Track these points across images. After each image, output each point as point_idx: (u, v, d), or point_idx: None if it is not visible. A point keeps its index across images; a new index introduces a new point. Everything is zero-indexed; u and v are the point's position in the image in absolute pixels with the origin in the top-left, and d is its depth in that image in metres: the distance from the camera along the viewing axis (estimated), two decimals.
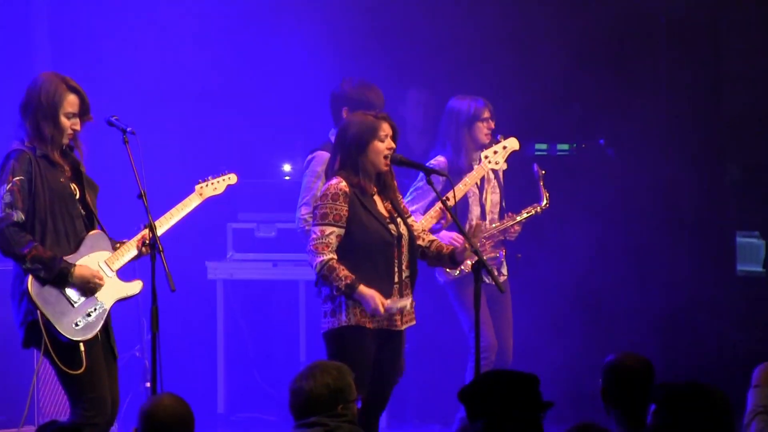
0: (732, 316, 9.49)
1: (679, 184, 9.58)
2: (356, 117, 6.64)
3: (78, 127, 6.26)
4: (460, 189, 7.56)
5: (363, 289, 6.40)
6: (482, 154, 7.76)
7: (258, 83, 9.74)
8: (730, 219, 9.49)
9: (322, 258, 6.42)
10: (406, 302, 6.51)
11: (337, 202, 6.45)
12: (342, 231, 6.46)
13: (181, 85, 9.66)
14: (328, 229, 6.44)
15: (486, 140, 7.96)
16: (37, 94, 6.21)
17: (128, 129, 6.30)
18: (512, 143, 7.78)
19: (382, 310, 6.40)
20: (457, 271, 7.94)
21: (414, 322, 6.74)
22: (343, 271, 6.41)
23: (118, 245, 6.40)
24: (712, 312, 9.52)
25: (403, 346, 6.80)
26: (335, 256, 6.43)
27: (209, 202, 6.88)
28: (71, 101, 6.23)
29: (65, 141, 6.26)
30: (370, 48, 9.59)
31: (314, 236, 6.46)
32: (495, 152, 7.73)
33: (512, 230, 7.98)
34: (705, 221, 9.54)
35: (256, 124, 9.79)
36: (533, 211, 7.96)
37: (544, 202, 7.94)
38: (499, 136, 7.75)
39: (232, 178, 6.91)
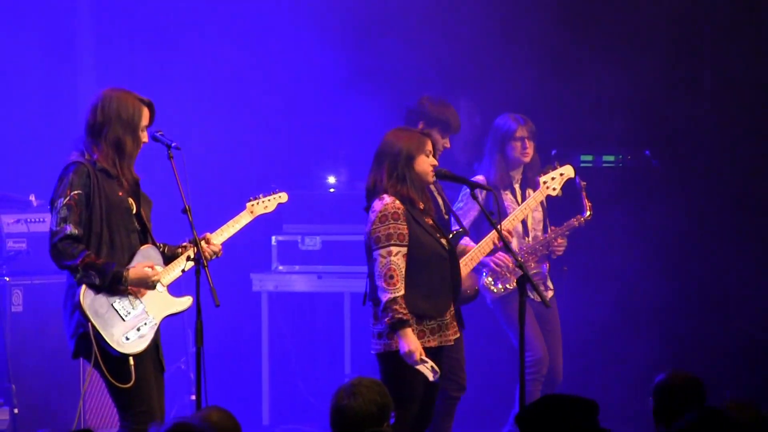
0: None
1: (728, 192, 9.50)
2: (402, 132, 6.59)
3: (147, 139, 6.32)
4: (521, 212, 7.62)
5: (410, 332, 6.32)
6: (541, 180, 7.69)
7: (303, 95, 9.75)
8: None
9: (390, 295, 6.32)
10: (436, 374, 6.39)
11: (399, 221, 6.39)
12: (406, 249, 6.39)
13: (226, 96, 9.69)
14: (395, 249, 6.37)
15: (522, 158, 7.91)
16: (114, 111, 6.21)
17: (173, 144, 6.31)
18: (568, 171, 7.71)
19: (417, 357, 6.28)
20: (502, 289, 7.90)
21: (458, 334, 6.71)
22: (403, 308, 6.32)
23: (180, 249, 6.42)
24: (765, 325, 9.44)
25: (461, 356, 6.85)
26: (403, 289, 6.35)
27: None
28: (146, 114, 6.30)
29: (137, 153, 6.31)
30: (415, 59, 9.59)
31: (382, 260, 6.38)
32: (553, 178, 7.67)
33: (557, 243, 7.92)
34: (756, 230, 9.45)
35: (301, 136, 9.81)
36: (576, 223, 7.89)
37: (588, 213, 7.86)
38: (554, 153, 7.61)
39: (282, 197, 6.89)
